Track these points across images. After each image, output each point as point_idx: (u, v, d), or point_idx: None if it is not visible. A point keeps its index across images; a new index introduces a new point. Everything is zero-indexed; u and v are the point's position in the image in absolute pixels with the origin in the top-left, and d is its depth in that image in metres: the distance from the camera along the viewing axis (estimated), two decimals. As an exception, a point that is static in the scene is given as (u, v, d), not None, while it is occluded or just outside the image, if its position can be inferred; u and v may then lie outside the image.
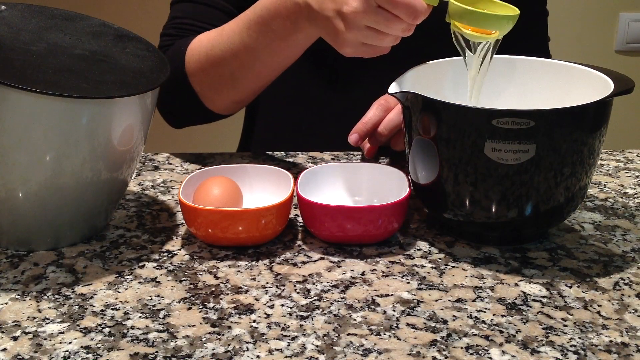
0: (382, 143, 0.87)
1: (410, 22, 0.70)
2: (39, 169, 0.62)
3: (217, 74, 0.86)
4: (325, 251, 0.68)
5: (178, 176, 0.85)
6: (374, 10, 0.69)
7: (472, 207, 0.65)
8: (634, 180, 0.86)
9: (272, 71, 0.86)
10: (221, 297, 0.60)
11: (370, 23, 0.70)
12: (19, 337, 0.54)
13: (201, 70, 0.87)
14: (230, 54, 0.84)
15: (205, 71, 0.87)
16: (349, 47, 0.74)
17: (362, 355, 0.52)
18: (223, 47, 0.84)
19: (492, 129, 0.61)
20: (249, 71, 0.85)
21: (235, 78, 0.86)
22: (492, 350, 0.53)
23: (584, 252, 0.68)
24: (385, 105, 0.86)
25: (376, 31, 0.71)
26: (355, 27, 0.71)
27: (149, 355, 0.52)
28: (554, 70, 0.75)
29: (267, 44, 0.81)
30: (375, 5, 0.69)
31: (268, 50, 0.82)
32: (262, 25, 0.80)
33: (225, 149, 1.20)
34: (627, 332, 0.56)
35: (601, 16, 2.26)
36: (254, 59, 0.83)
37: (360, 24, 0.71)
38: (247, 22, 0.82)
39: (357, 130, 0.85)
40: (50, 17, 0.72)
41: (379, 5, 0.69)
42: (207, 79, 0.87)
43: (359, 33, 0.71)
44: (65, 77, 0.62)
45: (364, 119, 0.86)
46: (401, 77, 0.71)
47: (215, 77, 0.87)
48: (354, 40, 0.73)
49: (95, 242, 0.69)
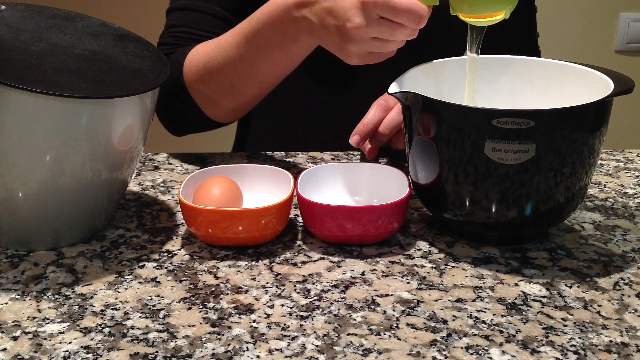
0: (384, 143, 0.87)
1: (414, 27, 0.69)
2: (39, 169, 0.62)
3: (216, 85, 0.86)
4: (325, 251, 0.68)
5: (178, 176, 0.85)
6: (376, 22, 0.69)
7: (472, 207, 0.65)
8: (634, 180, 0.86)
9: (273, 79, 0.85)
10: (221, 297, 0.60)
11: (375, 34, 0.70)
12: (19, 337, 0.54)
13: (200, 81, 0.86)
14: (228, 66, 0.83)
15: (204, 82, 0.86)
16: (355, 58, 0.73)
17: (362, 355, 0.52)
18: (220, 59, 0.83)
19: (492, 129, 0.61)
20: (249, 81, 0.84)
21: (235, 88, 0.85)
22: (492, 350, 0.53)
23: (584, 252, 0.68)
24: (385, 105, 0.86)
25: (381, 40, 0.71)
26: (360, 41, 0.70)
27: (149, 355, 0.52)
28: (554, 70, 0.75)
29: (265, 55, 0.80)
30: (377, 17, 0.68)
31: (267, 61, 0.81)
32: (258, 38, 0.79)
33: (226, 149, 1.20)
34: (627, 332, 0.56)
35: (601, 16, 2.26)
36: (254, 69, 0.83)
37: (364, 37, 0.70)
38: (244, 35, 0.81)
39: (358, 131, 0.85)
40: (50, 17, 0.72)
41: (381, 16, 0.68)
42: (206, 90, 0.87)
43: (364, 45, 0.71)
44: (65, 77, 0.62)
45: (365, 119, 0.85)
46: (401, 77, 0.71)
47: (214, 87, 0.86)
48: (359, 51, 0.72)
49: (95, 242, 0.69)
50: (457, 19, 0.71)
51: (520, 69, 0.76)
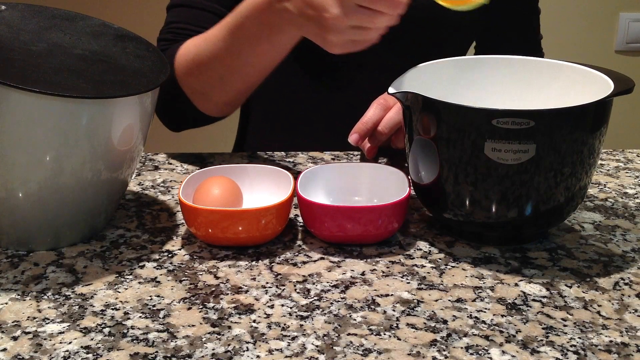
0: (383, 142, 0.87)
1: (393, 14, 0.69)
2: (39, 169, 0.62)
3: (205, 78, 0.86)
4: (325, 251, 0.68)
5: (178, 176, 0.85)
6: (354, 10, 0.69)
7: (472, 207, 0.65)
8: (634, 180, 0.86)
9: (260, 71, 0.85)
10: (221, 297, 0.60)
11: (354, 23, 0.70)
12: (19, 337, 0.54)
13: (190, 75, 0.87)
14: (215, 59, 0.84)
15: (193, 76, 0.87)
16: (336, 47, 0.73)
17: (362, 355, 0.52)
18: (208, 52, 0.84)
19: (492, 129, 0.61)
20: (237, 74, 0.85)
21: (224, 81, 0.86)
22: (492, 350, 0.53)
23: (584, 252, 0.68)
24: (385, 104, 0.86)
25: (361, 28, 0.71)
26: (339, 31, 0.71)
27: (149, 355, 0.52)
28: (553, 70, 0.75)
29: (251, 47, 0.81)
30: (354, 5, 0.68)
31: (252, 53, 0.81)
32: (243, 30, 0.80)
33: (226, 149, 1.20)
34: (627, 332, 0.56)
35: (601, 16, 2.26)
36: (240, 62, 0.83)
37: (343, 26, 0.70)
38: (229, 28, 0.81)
39: (357, 130, 0.85)
40: (50, 17, 0.72)
41: (359, 4, 0.68)
42: (196, 83, 0.87)
43: (344, 34, 0.71)
44: (65, 77, 0.62)
45: (364, 118, 0.85)
46: (401, 77, 0.71)
47: (203, 80, 0.87)
48: (340, 41, 0.72)
49: (95, 242, 0.69)
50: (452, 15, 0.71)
51: (520, 69, 0.76)
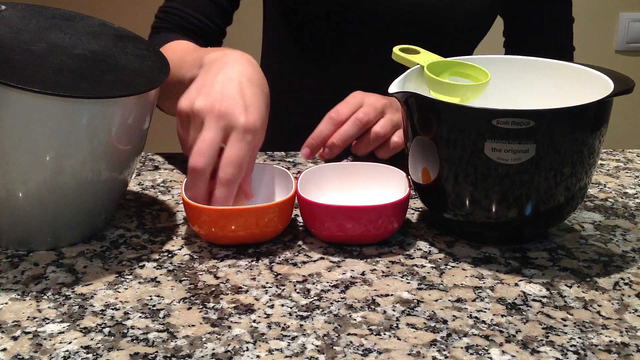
0: (336, 154, 0.86)
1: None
2: (39, 169, 0.62)
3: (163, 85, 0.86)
4: (325, 251, 0.68)
5: (178, 176, 0.85)
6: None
7: (472, 207, 0.65)
8: (634, 180, 0.86)
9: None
10: (221, 297, 0.60)
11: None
12: (19, 337, 0.54)
13: None
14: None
15: None
16: None
17: (362, 355, 0.52)
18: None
19: (492, 129, 0.61)
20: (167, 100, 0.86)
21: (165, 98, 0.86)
22: (492, 350, 0.53)
23: (584, 252, 0.68)
24: (336, 119, 0.85)
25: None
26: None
27: (149, 355, 0.52)
28: (554, 70, 0.75)
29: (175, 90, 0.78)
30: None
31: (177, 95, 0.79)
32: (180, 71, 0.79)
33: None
34: (627, 332, 0.56)
35: (601, 16, 2.26)
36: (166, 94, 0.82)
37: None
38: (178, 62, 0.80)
39: (307, 144, 0.85)
40: (50, 17, 0.72)
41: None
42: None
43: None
44: (65, 77, 0.62)
45: (314, 133, 0.85)
46: (401, 77, 0.71)
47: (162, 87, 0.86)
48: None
49: (95, 242, 0.69)
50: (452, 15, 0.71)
51: (520, 68, 0.76)
